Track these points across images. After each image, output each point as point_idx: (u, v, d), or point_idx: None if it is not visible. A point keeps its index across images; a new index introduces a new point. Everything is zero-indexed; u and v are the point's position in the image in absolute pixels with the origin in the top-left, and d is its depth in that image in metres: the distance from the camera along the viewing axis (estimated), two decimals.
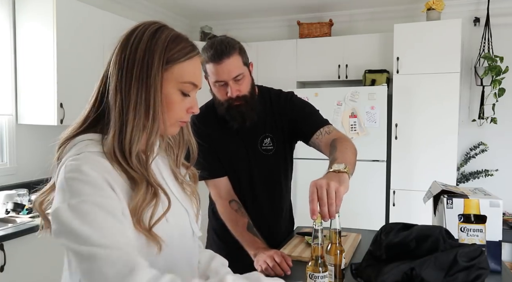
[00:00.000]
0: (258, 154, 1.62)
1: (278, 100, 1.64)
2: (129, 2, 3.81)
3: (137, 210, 0.79)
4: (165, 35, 0.84)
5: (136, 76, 0.81)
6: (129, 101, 0.81)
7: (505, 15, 3.69)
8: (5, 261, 2.08)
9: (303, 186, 3.71)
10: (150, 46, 0.82)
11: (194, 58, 0.87)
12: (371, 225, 2.03)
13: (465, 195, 1.36)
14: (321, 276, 1.05)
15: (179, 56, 0.85)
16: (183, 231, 0.92)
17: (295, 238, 1.69)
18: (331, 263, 1.15)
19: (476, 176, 3.77)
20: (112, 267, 0.70)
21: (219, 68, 1.42)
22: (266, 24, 4.52)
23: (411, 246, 1.16)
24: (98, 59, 3.05)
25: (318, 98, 3.70)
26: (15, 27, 2.85)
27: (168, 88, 0.84)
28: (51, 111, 2.77)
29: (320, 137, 1.52)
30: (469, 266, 1.06)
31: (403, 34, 3.55)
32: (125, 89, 0.82)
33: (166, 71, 0.83)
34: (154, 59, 0.82)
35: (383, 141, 3.58)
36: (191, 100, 0.89)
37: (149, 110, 0.82)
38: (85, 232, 0.71)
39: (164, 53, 0.83)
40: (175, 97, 0.86)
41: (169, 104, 0.85)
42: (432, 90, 3.47)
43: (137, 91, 0.81)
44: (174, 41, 0.85)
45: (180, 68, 0.85)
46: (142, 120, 0.81)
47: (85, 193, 0.74)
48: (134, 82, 0.81)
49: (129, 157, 0.81)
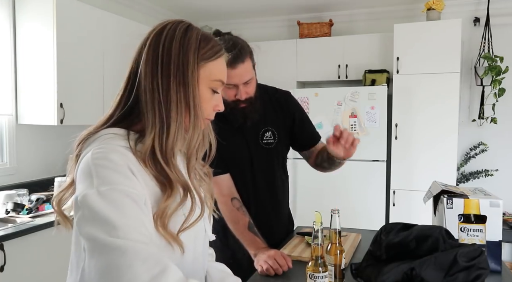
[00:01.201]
0: (259, 147, 1.64)
1: (277, 97, 1.69)
2: (129, 2, 3.81)
3: (165, 213, 0.77)
4: (195, 34, 0.85)
5: (173, 74, 0.81)
6: (169, 100, 0.81)
7: (505, 15, 3.69)
8: (5, 261, 2.08)
9: (303, 186, 3.73)
10: (183, 44, 0.83)
11: (222, 57, 0.89)
12: (371, 225, 2.03)
13: (465, 195, 1.37)
14: (321, 276, 1.06)
15: (211, 55, 0.86)
16: (197, 232, 0.90)
17: (295, 238, 1.69)
18: (331, 263, 1.15)
19: (476, 176, 3.77)
20: (143, 263, 0.67)
21: (232, 73, 1.42)
22: (266, 24, 4.52)
23: (411, 246, 1.16)
24: (98, 59, 3.05)
25: (318, 98, 3.70)
26: (15, 27, 2.85)
27: (201, 86, 0.85)
28: (51, 111, 2.77)
29: (318, 147, 1.71)
30: (469, 266, 1.06)
31: (403, 34, 3.55)
32: (163, 88, 0.81)
33: (200, 69, 0.85)
34: (189, 57, 0.83)
35: (383, 141, 3.58)
36: (218, 98, 0.90)
37: (190, 108, 0.82)
38: (116, 221, 0.68)
39: (198, 51, 0.84)
40: (207, 95, 0.87)
41: (202, 102, 0.86)
42: (432, 90, 3.47)
43: (176, 89, 0.81)
44: (205, 40, 0.86)
45: (211, 66, 0.86)
46: (183, 119, 0.82)
47: (115, 181, 0.72)
48: (173, 80, 0.81)
49: (171, 157, 0.81)
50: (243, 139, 1.62)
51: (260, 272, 1.36)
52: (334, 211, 1.17)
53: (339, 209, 1.18)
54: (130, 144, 0.80)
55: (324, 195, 3.64)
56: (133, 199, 0.73)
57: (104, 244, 0.67)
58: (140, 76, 0.82)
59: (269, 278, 1.33)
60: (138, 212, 0.72)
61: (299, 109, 1.73)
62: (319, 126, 3.66)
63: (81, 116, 2.88)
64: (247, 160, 1.63)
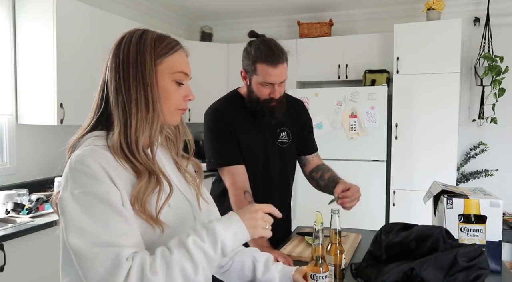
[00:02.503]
0: (275, 146, 1.71)
1: (292, 101, 1.80)
2: (129, 2, 3.81)
3: (139, 197, 0.86)
4: (150, 36, 0.95)
5: (133, 76, 0.91)
6: (130, 98, 0.90)
7: (505, 15, 3.69)
8: (5, 261, 2.08)
9: (303, 186, 3.71)
10: (139, 47, 0.92)
11: (179, 51, 0.97)
12: (371, 225, 2.03)
13: (465, 195, 1.37)
14: (322, 276, 1.05)
15: (166, 51, 0.94)
16: (184, 218, 0.98)
17: (295, 238, 1.69)
18: (331, 263, 1.16)
19: (476, 176, 3.77)
20: (102, 265, 0.76)
21: (273, 72, 1.53)
22: (266, 24, 4.52)
23: (411, 246, 1.16)
24: (98, 59, 3.05)
25: (318, 98, 3.70)
26: (15, 27, 2.84)
27: (163, 81, 0.93)
28: (51, 111, 2.77)
29: (314, 158, 1.84)
30: (469, 266, 1.06)
31: (403, 34, 3.55)
32: (125, 89, 0.91)
33: (158, 66, 0.93)
34: (146, 58, 0.92)
35: (383, 140, 3.58)
36: (186, 89, 0.97)
37: (149, 103, 0.90)
38: (84, 225, 0.78)
39: (153, 50, 0.93)
40: (170, 87, 0.95)
41: (167, 95, 0.94)
42: (432, 90, 3.47)
43: (136, 88, 0.90)
44: (159, 39, 0.95)
45: (169, 61, 0.94)
46: (143, 113, 0.90)
47: (87, 184, 0.81)
48: (132, 81, 0.91)
49: (136, 149, 0.89)
50: (262, 136, 1.67)
51: None
52: (334, 211, 1.17)
53: (339, 209, 1.18)
54: (107, 142, 0.90)
55: (324, 195, 3.63)
56: (104, 201, 0.81)
57: (72, 245, 0.78)
58: (107, 83, 0.93)
59: None
60: (107, 213, 0.80)
61: (309, 119, 1.85)
62: (319, 127, 3.66)
63: (81, 116, 2.83)
64: (262, 156, 1.67)
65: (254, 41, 1.59)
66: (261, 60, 1.52)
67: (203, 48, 4.32)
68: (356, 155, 3.62)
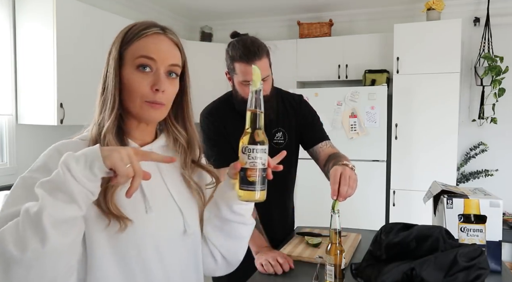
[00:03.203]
0: (270, 147, 1.64)
1: (290, 99, 1.73)
2: (129, 2, 3.81)
3: (107, 190, 0.81)
4: (125, 28, 0.90)
5: (104, 72, 0.89)
6: (99, 93, 0.89)
7: (505, 15, 3.69)
8: None
9: (303, 186, 3.72)
10: (114, 42, 0.90)
11: (148, 36, 0.88)
12: (371, 225, 2.03)
13: (465, 195, 1.37)
14: (257, 149, 0.84)
15: (131, 37, 0.88)
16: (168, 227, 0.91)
17: (295, 238, 1.69)
18: (331, 263, 1.15)
19: (476, 176, 3.77)
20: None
21: (250, 69, 1.46)
22: (266, 24, 4.52)
23: (411, 246, 1.16)
24: (98, 59, 3.04)
25: (318, 98, 3.70)
26: (15, 27, 2.85)
27: (127, 70, 0.87)
28: (51, 111, 2.77)
29: (324, 148, 1.66)
30: (469, 266, 1.06)
31: (403, 34, 3.55)
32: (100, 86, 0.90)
33: (126, 55, 0.87)
34: (113, 49, 0.88)
35: (383, 141, 3.58)
36: (154, 78, 0.87)
37: (108, 94, 0.86)
38: (7, 204, 0.78)
39: (122, 39, 0.88)
40: (134, 76, 0.86)
41: (129, 84, 0.86)
42: (432, 90, 3.47)
43: (103, 81, 0.88)
44: (131, 27, 0.90)
45: (134, 47, 0.87)
46: (101, 105, 0.87)
47: (31, 170, 0.83)
48: (102, 76, 0.89)
49: (103, 142, 0.85)
50: None
51: (260, 270, 1.37)
52: (334, 211, 1.17)
53: (339, 209, 1.18)
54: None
55: (324, 195, 3.63)
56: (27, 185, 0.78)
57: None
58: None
59: (269, 277, 1.33)
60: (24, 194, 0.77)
61: (310, 111, 1.75)
62: None
63: (81, 116, 2.87)
64: None
65: (232, 40, 1.55)
66: (237, 59, 1.49)
67: (203, 48, 4.32)
68: (356, 155, 3.61)
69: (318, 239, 1.61)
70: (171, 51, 0.90)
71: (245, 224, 0.99)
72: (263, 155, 0.84)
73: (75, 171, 0.69)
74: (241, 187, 0.83)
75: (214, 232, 0.98)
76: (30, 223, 0.67)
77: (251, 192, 0.82)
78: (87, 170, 0.69)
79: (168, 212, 0.92)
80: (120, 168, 0.70)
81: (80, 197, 0.69)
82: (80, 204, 0.70)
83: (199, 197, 0.98)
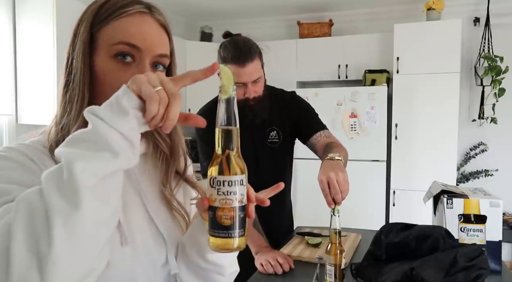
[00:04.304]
0: (264, 146, 1.66)
1: (283, 97, 1.71)
2: None
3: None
4: (93, 4, 0.70)
5: (67, 58, 0.71)
6: (61, 84, 0.72)
7: (505, 15, 3.69)
8: None
9: (303, 186, 3.72)
10: (81, 17, 0.70)
11: (130, 15, 0.68)
12: (371, 225, 2.03)
13: (465, 195, 1.37)
14: (233, 181, 0.61)
15: (108, 14, 0.68)
16: (148, 260, 0.73)
17: (295, 238, 1.69)
18: (331, 263, 1.15)
19: (476, 176, 3.77)
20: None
21: (242, 71, 1.46)
22: (266, 24, 4.53)
23: (411, 246, 1.16)
24: None
25: (318, 98, 3.70)
26: (15, 27, 2.84)
27: (100, 58, 0.68)
28: (51, 112, 2.77)
29: (319, 139, 1.61)
30: (469, 266, 1.06)
31: (403, 34, 3.55)
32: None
33: (98, 38, 0.68)
34: (81, 27, 0.68)
35: (383, 141, 3.58)
36: (137, 71, 0.67)
37: (74, 88, 0.70)
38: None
39: (93, 16, 0.68)
40: (108, 66, 0.68)
41: (103, 77, 0.68)
42: (432, 90, 3.47)
43: (67, 71, 0.71)
44: (107, 2, 0.69)
45: (110, 28, 0.67)
46: (71, 103, 0.71)
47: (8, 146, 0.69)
48: (65, 64, 0.72)
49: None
50: (249, 137, 1.63)
51: (260, 270, 1.37)
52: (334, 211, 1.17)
53: (339, 209, 1.18)
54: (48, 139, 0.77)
55: None
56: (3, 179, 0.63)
57: None
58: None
59: (269, 277, 1.33)
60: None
61: (302, 105, 1.71)
62: None
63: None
64: (253, 158, 1.64)
65: (224, 41, 1.53)
66: (229, 60, 1.46)
67: (203, 48, 4.31)
68: (356, 155, 3.61)
69: (318, 239, 1.61)
70: (159, 37, 0.71)
71: (223, 275, 0.76)
72: (240, 188, 0.61)
73: (100, 112, 0.54)
74: (211, 232, 0.60)
75: (189, 275, 0.77)
76: (57, 188, 0.50)
77: (225, 240, 0.59)
78: (114, 106, 0.54)
79: (148, 241, 0.74)
80: (147, 90, 0.54)
81: (116, 144, 0.53)
82: (117, 151, 0.53)
83: (183, 219, 0.79)
